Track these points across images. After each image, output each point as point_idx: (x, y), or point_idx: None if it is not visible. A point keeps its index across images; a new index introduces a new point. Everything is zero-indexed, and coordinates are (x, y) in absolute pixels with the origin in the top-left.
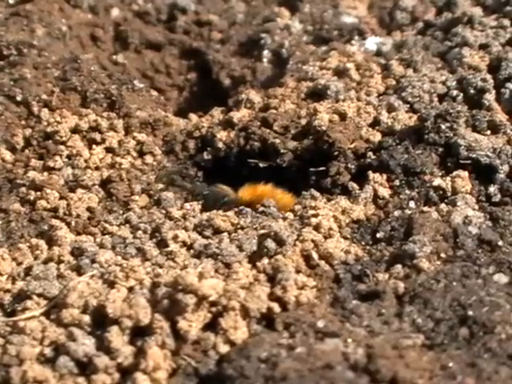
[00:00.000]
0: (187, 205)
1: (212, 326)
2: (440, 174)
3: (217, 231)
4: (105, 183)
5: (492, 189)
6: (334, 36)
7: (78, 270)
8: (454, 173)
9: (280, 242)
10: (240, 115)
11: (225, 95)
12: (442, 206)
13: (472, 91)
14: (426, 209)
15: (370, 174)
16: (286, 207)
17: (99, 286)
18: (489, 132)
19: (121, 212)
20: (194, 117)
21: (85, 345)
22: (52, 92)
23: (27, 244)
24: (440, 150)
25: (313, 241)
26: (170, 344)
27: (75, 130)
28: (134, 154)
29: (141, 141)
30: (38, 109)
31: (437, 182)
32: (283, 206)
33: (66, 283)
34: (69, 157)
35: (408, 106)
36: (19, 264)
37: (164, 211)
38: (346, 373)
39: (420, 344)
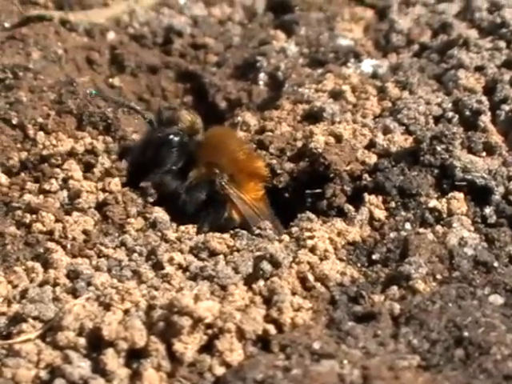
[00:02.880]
0: (182, 227)
1: (208, 348)
2: (436, 195)
3: (212, 253)
4: (100, 206)
5: (487, 210)
6: (330, 58)
7: (74, 293)
8: (450, 194)
9: (276, 264)
10: None
11: (221, 118)
12: (438, 227)
13: (467, 113)
14: (421, 230)
15: (366, 196)
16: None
17: (95, 309)
18: (484, 153)
19: (116, 235)
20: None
21: (80, 367)
22: (48, 115)
23: (23, 267)
24: (436, 171)
25: (308, 263)
26: (165, 366)
27: (71, 153)
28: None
29: None
30: (33, 132)
31: (432, 203)
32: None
33: (62, 306)
34: (64, 180)
35: (404, 127)
36: (15, 287)
37: (160, 233)
38: None
39: (416, 365)
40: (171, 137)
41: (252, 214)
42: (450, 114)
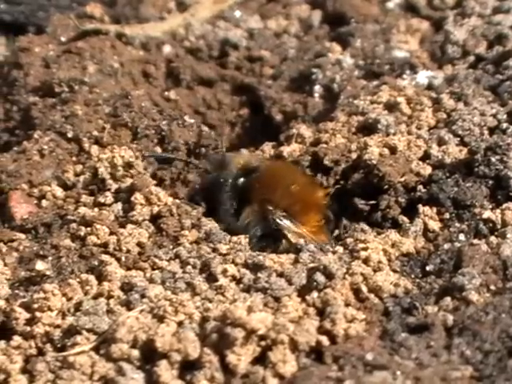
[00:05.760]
0: (235, 238)
1: (261, 359)
2: (490, 206)
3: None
4: (155, 218)
5: None
6: (386, 70)
7: (128, 305)
8: (504, 205)
9: (329, 276)
10: (290, 149)
11: (277, 131)
12: (492, 238)
13: None
14: (475, 241)
15: (420, 208)
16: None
17: (148, 321)
18: None
19: (171, 247)
20: (245, 152)
21: (134, 379)
22: (103, 128)
23: (77, 279)
24: (490, 182)
25: (362, 274)
26: (218, 378)
27: None
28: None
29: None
30: (88, 145)
31: (486, 214)
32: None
33: (116, 318)
34: (119, 192)
35: (458, 139)
36: (69, 299)
37: (213, 246)
38: None
39: (469, 376)
40: (221, 181)
41: None
42: (505, 124)
